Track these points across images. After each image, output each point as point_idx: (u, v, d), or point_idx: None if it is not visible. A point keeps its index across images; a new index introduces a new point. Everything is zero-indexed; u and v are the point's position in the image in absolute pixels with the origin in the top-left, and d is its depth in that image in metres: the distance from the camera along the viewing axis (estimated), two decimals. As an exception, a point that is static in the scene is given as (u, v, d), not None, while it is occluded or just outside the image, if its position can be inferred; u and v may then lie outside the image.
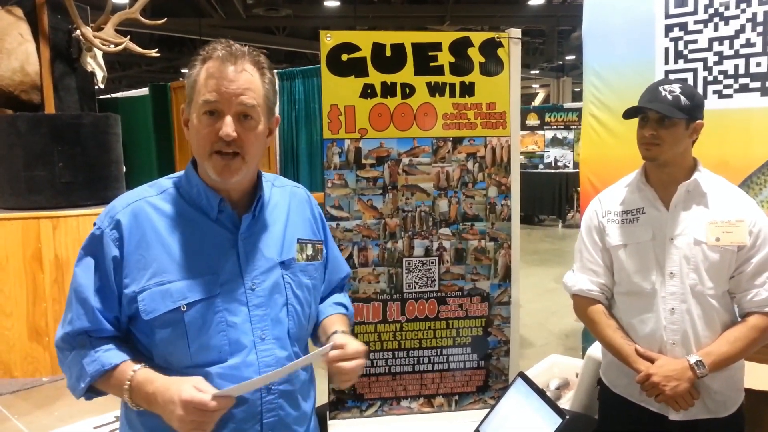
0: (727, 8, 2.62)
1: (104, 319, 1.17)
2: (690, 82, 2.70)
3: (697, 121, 1.70)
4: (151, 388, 1.11)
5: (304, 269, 1.31)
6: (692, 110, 1.67)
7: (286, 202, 1.35)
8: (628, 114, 1.75)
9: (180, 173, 1.29)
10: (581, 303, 1.88)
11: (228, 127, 1.13)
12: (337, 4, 12.57)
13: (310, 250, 1.34)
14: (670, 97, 1.66)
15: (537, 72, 19.72)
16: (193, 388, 1.06)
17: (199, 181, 1.23)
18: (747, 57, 2.58)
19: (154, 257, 1.17)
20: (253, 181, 1.28)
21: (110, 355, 1.16)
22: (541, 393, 1.71)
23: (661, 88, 1.69)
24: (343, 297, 1.52)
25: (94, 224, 1.20)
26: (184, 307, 1.15)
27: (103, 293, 1.17)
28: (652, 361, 1.69)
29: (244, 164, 1.18)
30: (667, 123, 1.66)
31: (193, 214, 1.22)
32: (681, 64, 2.77)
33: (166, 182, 1.27)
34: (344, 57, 2.18)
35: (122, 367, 1.15)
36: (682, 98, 1.65)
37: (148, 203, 1.21)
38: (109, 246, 1.17)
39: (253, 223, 1.26)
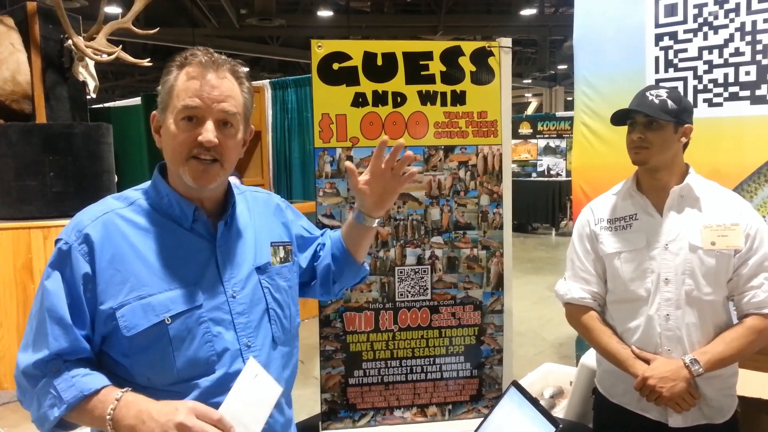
0: (716, 18, 2.64)
1: (81, 338, 1.10)
2: (680, 90, 2.71)
3: (686, 125, 1.71)
4: (144, 405, 1.05)
5: (280, 272, 1.30)
6: (679, 113, 1.68)
7: (247, 208, 1.34)
8: (616, 119, 1.77)
9: (145, 184, 1.25)
10: (574, 311, 1.87)
11: (210, 133, 1.11)
12: (331, 14, 12.63)
13: (282, 253, 1.33)
14: (656, 101, 1.68)
15: (529, 81, 19.83)
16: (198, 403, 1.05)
17: (171, 191, 1.19)
18: (736, 66, 2.60)
19: (131, 271, 1.12)
20: (224, 189, 1.27)
21: (89, 379, 1.08)
22: (534, 402, 1.70)
23: (648, 93, 1.71)
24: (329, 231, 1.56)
25: (59, 239, 1.14)
26: (168, 320, 1.11)
27: (74, 312, 1.10)
28: (648, 362, 1.68)
29: (222, 171, 1.16)
30: (654, 126, 1.68)
31: (167, 224, 1.19)
32: (671, 73, 2.79)
33: (134, 193, 1.23)
34: (335, 66, 2.18)
35: (105, 391, 1.08)
36: (669, 102, 1.67)
37: (118, 215, 1.17)
38: (78, 261, 1.11)
39: (227, 231, 1.24)
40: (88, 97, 4.98)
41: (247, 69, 1.23)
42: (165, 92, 1.16)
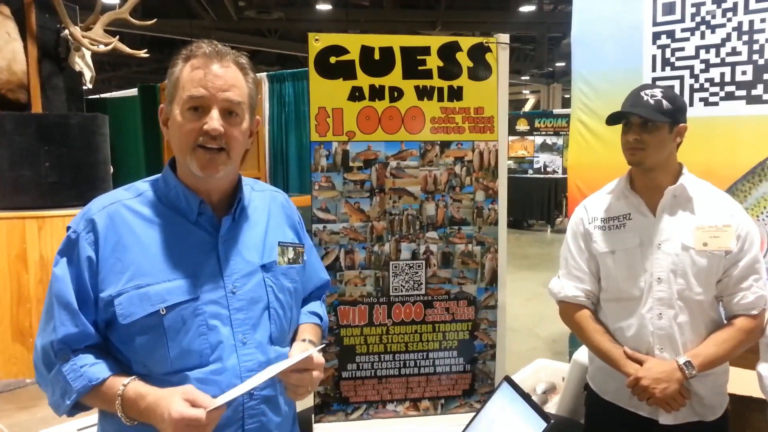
0: (713, 17, 2.64)
1: (88, 323, 1.14)
2: (677, 89, 2.72)
3: (681, 125, 1.71)
4: (143, 403, 1.08)
5: (286, 272, 1.30)
6: (675, 113, 1.68)
7: (266, 206, 1.34)
8: (611, 120, 1.76)
9: (156, 176, 1.27)
10: (567, 309, 1.88)
11: (215, 121, 1.13)
12: (329, 7, 12.59)
13: (291, 254, 1.33)
14: (652, 102, 1.67)
15: (527, 78, 19.82)
16: (184, 403, 1.03)
17: (178, 183, 1.21)
18: (733, 65, 2.60)
19: (132, 260, 1.14)
20: (233, 183, 1.27)
21: (96, 369, 1.13)
22: (526, 397, 1.70)
23: (642, 93, 1.70)
24: (318, 306, 1.51)
25: (68, 227, 1.18)
26: (163, 311, 1.13)
27: (81, 298, 1.14)
28: (640, 363, 1.69)
29: (228, 160, 1.17)
30: (650, 127, 1.67)
31: (172, 216, 1.20)
32: (668, 72, 2.79)
33: (143, 185, 1.25)
34: (332, 59, 2.17)
35: (110, 381, 1.12)
36: (664, 102, 1.67)
37: (124, 206, 1.19)
38: (85, 249, 1.14)
39: (233, 226, 1.24)
40: (85, 87, 4.97)
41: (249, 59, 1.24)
42: (171, 84, 1.18)
